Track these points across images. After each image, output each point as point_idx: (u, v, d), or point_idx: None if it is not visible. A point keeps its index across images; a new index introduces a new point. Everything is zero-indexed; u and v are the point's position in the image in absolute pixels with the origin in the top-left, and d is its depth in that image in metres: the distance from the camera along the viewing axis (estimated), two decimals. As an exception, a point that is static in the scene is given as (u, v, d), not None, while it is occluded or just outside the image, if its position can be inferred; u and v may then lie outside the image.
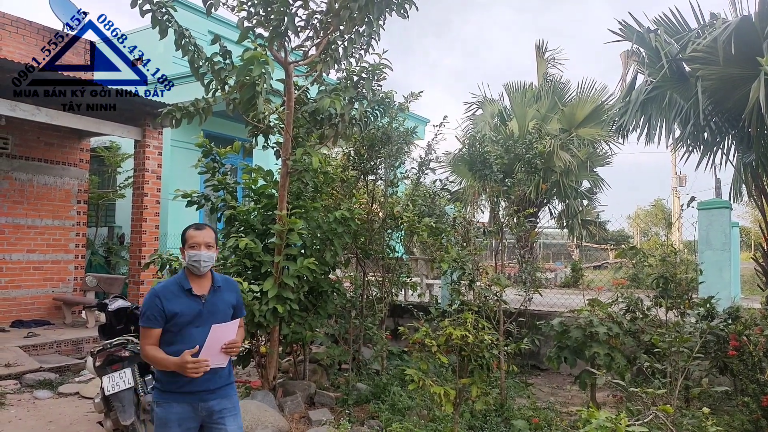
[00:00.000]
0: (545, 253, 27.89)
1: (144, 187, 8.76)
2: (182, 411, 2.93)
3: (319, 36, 4.94)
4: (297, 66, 4.88)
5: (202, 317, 2.96)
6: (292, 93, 4.80)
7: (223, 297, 3.07)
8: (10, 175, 8.80)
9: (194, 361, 2.82)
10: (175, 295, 2.98)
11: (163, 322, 2.93)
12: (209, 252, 3.01)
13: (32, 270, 9.02)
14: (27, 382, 6.56)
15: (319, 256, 5.58)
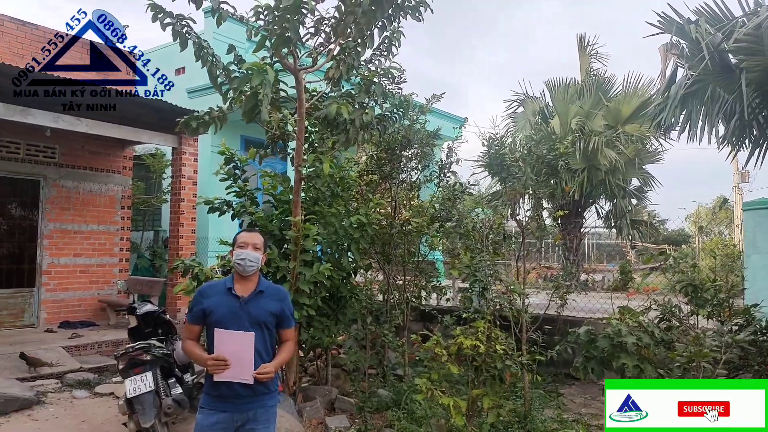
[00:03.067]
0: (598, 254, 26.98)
1: (181, 192, 9.02)
2: (219, 419, 2.97)
3: (330, 42, 4.93)
4: (307, 72, 4.88)
5: (240, 318, 2.99)
6: (302, 100, 4.80)
7: (262, 302, 3.07)
8: (57, 182, 9.26)
9: (214, 359, 2.89)
10: (217, 293, 3.07)
11: (202, 318, 3.04)
12: (256, 253, 3.06)
13: (79, 273, 9.45)
14: (67, 381, 6.86)
15: (337, 261, 5.57)
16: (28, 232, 9.03)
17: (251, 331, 3.00)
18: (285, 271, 5.21)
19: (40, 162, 9.06)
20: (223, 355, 2.89)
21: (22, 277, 8.94)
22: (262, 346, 3.04)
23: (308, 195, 5.70)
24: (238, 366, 2.88)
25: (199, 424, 3.03)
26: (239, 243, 3.11)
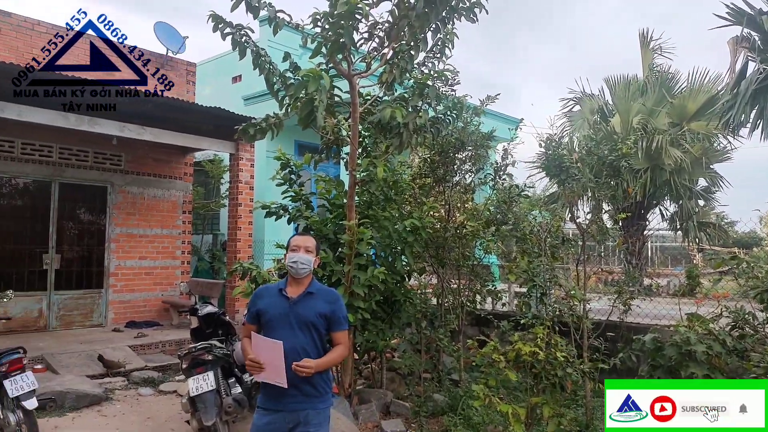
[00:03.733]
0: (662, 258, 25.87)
1: (238, 197, 9.25)
2: (272, 420, 3.02)
3: (384, 46, 4.93)
4: (361, 77, 4.90)
5: (289, 319, 3.04)
6: (356, 105, 4.83)
7: (311, 303, 3.09)
8: (124, 189, 9.68)
9: (250, 360, 2.95)
10: (270, 295, 3.16)
11: (257, 319, 3.12)
12: (308, 256, 3.11)
13: (144, 275, 9.84)
14: (133, 379, 7.14)
15: (390, 265, 5.57)
16: (96, 236, 9.49)
17: (299, 333, 3.03)
18: (339, 274, 5.25)
19: (107, 169, 9.50)
20: (257, 357, 2.93)
21: (92, 278, 9.40)
22: (311, 347, 3.06)
23: (362, 199, 5.73)
24: (272, 370, 2.92)
25: (255, 423, 3.11)
26: (292, 246, 3.16)
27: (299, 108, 4.18)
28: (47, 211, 8.92)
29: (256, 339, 3.00)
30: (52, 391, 5.95)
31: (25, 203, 8.95)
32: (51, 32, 8.94)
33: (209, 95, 12.41)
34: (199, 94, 12.29)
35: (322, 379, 3.14)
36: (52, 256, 8.92)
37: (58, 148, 8.96)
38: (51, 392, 5.92)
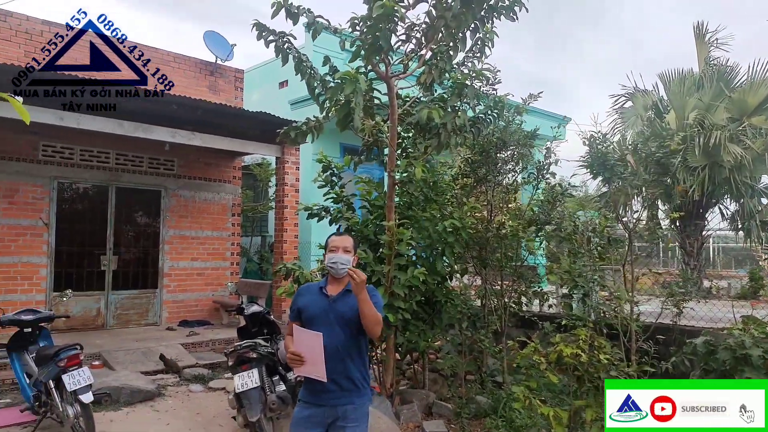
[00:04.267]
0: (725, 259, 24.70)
1: (284, 199, 9.44)
2: (312, 414, 3.10)
3: (422, 47, 4.95)
4: (399, 79, 4.93)
5: (327, 316, 3.11)
6: (395, 106, 4.86)
7: (349, 300, 3.13)
8: (176, 192, 10.05)
9: (291, 353, 3.02)
10: (311, 293, 3.25)
11: (298, 315, 3.20)
12: (346, 256, 3.15)
13: (195, 276, 10.18)
14: (185, 376, 7.40)
15: (431, 266, 5.57)
16: (151, 238, 9.89)
17: (338, 329, 3.08)
18: (380, 274, 5.29)
19: (161, 174, 9.89)
20: (298, 351, 3.00)
21: (147, 279, 9.80)
22: (351, 343, 3.12)
23: (402, 200, 5.75)
24: (311, 363, 2.97)
25: (295, 416, 3.19)
26: (330, 247, 3.22)
27: (336, 110, 4.25)
28: (105, 215, 9.36)
29: (298, 332, 3.07)
30: (108, 386, 6.25)
31: (85, 207, 9.42)
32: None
33: (257, 101, 12.72)
34: (248, 99, 12.62)
35: (360, 374, 3.20)
36: (109, 257, 9.35)
37: (114, 154, 9.39)
38: (107, 387, 6.22)
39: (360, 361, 3.23)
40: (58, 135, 8.59)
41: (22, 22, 8.51)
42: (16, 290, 8.26)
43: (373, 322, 3.05)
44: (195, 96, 9.71)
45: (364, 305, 2.99)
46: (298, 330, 3.07)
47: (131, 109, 8.07)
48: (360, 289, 2.94)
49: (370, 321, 3.03)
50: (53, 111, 7.20)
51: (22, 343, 5.67)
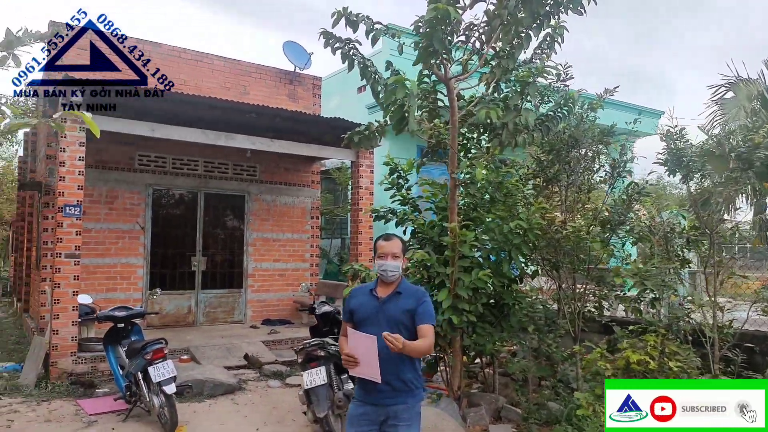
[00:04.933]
0: None
1: (359, 202, 9.63)
2: (365, 411, 3.20)
3: (483, 47, 4.91)
4: (458, 80, 4.92)
5: (378, 318, 3.20)
6: (454, 107, 4.85)
7: (398, 303, 3.22)
8: (259, 197, 10.55)
9: (346, 355, 3.11)
10: (362, 294, 3.34)
11: (350, 317, 3.32)
12: (395, 262, 3.23)
13: (277, 276, 10.63)
14: (264, 372, 7.76)
15: (496, 268, 5.49)
16: (236, 241, 10.44)
17: (387, 330, 3.14)
18: (443, 276, 5.29)
19: (244, 180, 10.43)
20: (352, 353, 3.07)
21: (233, 279, 10.36)
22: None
23: (467, 201, 5.72)
24: (366, 365, 3.03)
25: (350, 413, 3.31)
26: (379, 253, 3.29)
27: (390, 114, 4.32)
28: (194, 219, 10.01)
29: (352, 334, 3.16)
30: (193, 379, 6.68)
31: (177, 212, 10.12)
32: (196, 58, 10.07)
33: (336, 106, 13.06)
34: (327, 105, 13.00)
35: (413, 374, 3.25)
36: (199, 258, 9.99)
37: (203, 162, 10.02)
38: (193, 380, 6.65)
39: (411, 362, 3.27)
40: (152, 145, 9.30)
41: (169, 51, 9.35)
42: (116, 289, 9.02)
43: (425, 353, 3.21)
44: (275, 104, 10.18)
45: (412, 352, 3.06)
46: (352, 332, 3.15)
47: (214, 118, 8.61)
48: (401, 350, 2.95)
49: (422, 354, 3.20)
50: (145, 123, 7.83)
51: (116, 338, 6.21)
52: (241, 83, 10.44)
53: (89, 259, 8.76)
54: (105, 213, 9.06)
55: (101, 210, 9.03)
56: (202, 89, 9.82)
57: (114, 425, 5.63)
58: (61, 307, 7.07)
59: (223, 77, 10.26)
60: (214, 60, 10.25)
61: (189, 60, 9.98)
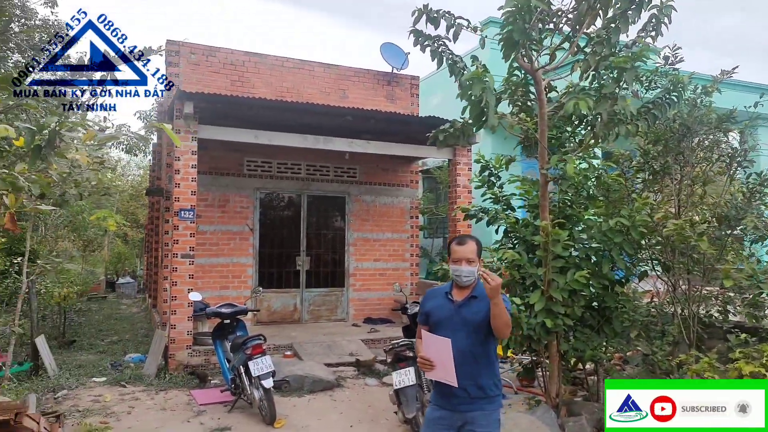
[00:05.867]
0: None
1: (456, 201, 9.49)
2: (442, 416, 3.18)
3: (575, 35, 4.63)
4: (545, 71, 4.67)
5: (454, 321, 3.16)
6: (543, 100, 4.61)
7: (475, 306, 3.16)
8: (359, 198, 10.76)
9: (421, 358, 3.10)
10: (437, 297, 3.32)
11: (425, 319, 3.30)
12: (469, 267, 3.14)
13: (378, 276, 10.77)
14: (363, 370, 7.89)
15: (596, 269, 5.14)
16: (338, 241, 10.73)
17: (462, 335, 3.07)
18: (536, 277, 5.05)
19: (344, 181, 10.69)
20: (428, 356, 3.01)
21: (335, 278, 10.66)
22: (477, 348, 3.11)
23: (562, 197, 5.43)
24: (441, 368, 2.97)
25: (427, 416, 3.29)
26: (453, 257, 3.19)
27: (468, 110, 4.20)
28: (298, 220, 10.43)
29: (426, 337, 3.13)
30: (294, 375, 6.95)
31: (282, 214, 10.60)
32: (297, 66, 10.48)
33: (437, 105, 12.97)
34: (428, 104, 12.96)
35: (491, 381, 3.16)
36: (303, 258, 10.38)
37: (305, 165, 10.41)
38: (293, 376, 6.92)
39: (489, 367, 3.18)
40: (258, 151, 9.82)
41: (227, 56, 9.92)
42: (228, 287, 9.62)
43: (502, 324, 3.02)
44: (373, 106, 10.34)
45: (496, 308, 2.97)
46: (427, 335, 3.11)
47: (315, 123, 8.91)
48: (494, 293, 2.90)
49: (500, 322, 3.01)
50: (249, 130, 8.29)
51: (223, 333, 6.62)
52: (340, 87, 10.71)
53: (205, 259, 9.43)
54: (218, 216, 9.70)
55: (215, 213, 9.68)
56: (303, 95, 10.21)
57: (220, 415, 6.00)
58: (178, 304, 7.68)
59: (323, 82, 10.59)
60: (315, 66, 10.60)
61: (291, 68, 10.41)
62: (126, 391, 6.76)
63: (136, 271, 20.97)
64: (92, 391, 6.75)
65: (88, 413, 5.89)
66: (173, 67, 9.56)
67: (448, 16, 4.62)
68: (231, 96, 8.50)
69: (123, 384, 7.01)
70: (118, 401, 6.38)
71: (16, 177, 2.50)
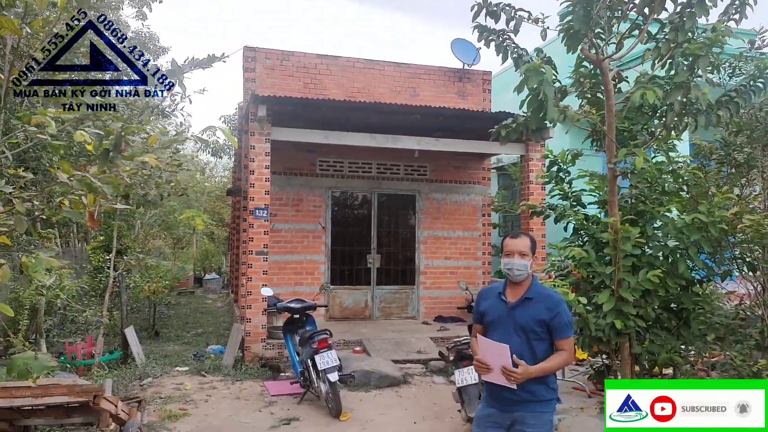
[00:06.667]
0: None
1: (529, 198, 9.26)
2: (491, 413, 3.17)
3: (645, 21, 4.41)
4: (612, 60, 4.47)
5: (506, 324, 3.12)
6: (610, 91, 4.41)
7: (530, 310, 3.10)
8: (429, 196, 10.76)
9: (477, 360, 3.08)
10: (491, 296, 3.28)
11: (480, 318, 3.29)
12: (522, 261, 3.10)
13: (449, 274, 10.71)
14: (430, 368, 7.89)
15: (671, 268, 4.86)
16: (408, 239, 10.78)
17: (515, 337, 3.02)
18: (604, 276, 4.85)
19: (415, 179, 10.72)
20: (485, 359, 2.98)
21: (405, 276, 10.71)
22: (526, 352, 3.03)
23: (635, 193, 5.18)
24: (498, 372, 2.94)
25: (477, 414, 3.29)
26: (506, 251, 3.16)
27: (527, 104, 4.09)
28: (369, 218, 10.57)
29: (482, 341, 3.09)
30: (362, 370, 7.07)
31: (353, 212, 10.80)
32: (368, 66, 10.62)
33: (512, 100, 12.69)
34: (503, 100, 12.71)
35: (543, 384, 3.08)
36: (374, 256, 10.52)
37: (375, 164, 10.54)
38: (361, 371, 7.04)
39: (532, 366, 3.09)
40: (330, 151, 10.06)
41: (300, 59, 10.22)
42: (302, 283, 9.91)
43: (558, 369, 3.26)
44: (443, 103, 10.29)
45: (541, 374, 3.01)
46: (485, 341, 3.07)
47: (384, 122, 9.01)
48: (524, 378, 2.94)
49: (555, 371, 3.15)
50: (320, 131, 8.52)
51: (293, 327, 6.85)
52: (410, 86, 10.74)
53: (280, 256, 9.78)
54: (292, 215, 10.02)
55: (289, 212, 10.01)
56: (374, 95, 10.33)
57: (290, 407, 6.22)
58: (253, 298, 8.02)
59: (393, 81, 10.66)
60: (385, 66, 10.70)
61: (362, 68, 10.57)
62: (205, 381, 7.15)
63: (221, 268, 22.05)
64: (175, 379, 7.20)
65: (169, 400, 6.29)
66: (250, 72, 9.98)
67: (508, 9, 4.53)
68: (300, 98, 8.77)
69: (203, 373, 7.42)
70: (198, 389, 6.76)
71: (91, 179, 2.73)
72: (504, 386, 2.98)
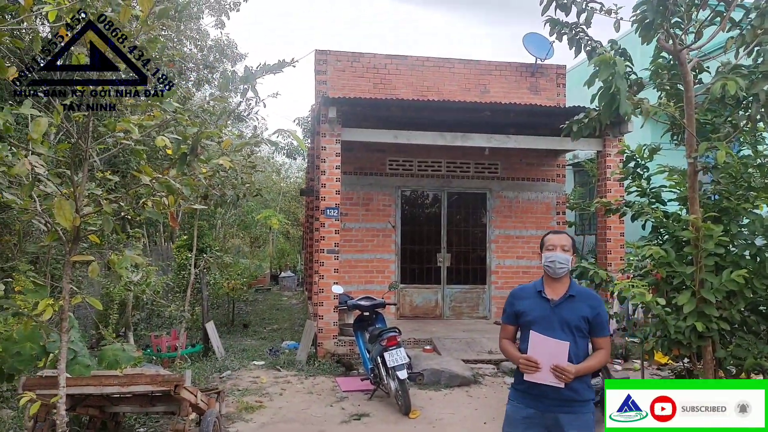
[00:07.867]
0: None
1: (606, 195, 8.92)
2: (529, 415, 3.08)
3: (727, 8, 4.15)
4: (690, 50, 4.23)
5: (550, 320, 3.06)
6: (689, 82, 4.18)
7: (575, 307, 3.06)
8: (500, 194, 10.60)
9: (526, 359, 3.00)
10: (528, 296, 3.22)
11: (514, 319, 3.22)
12: (565, 255, 3.09)
13: (521, 274, 10.51)
14: (502, 368, 7.79)
15: (758, 267, 4.56)
16: (479, 238, 10.67)
17: (561, 335, 2.96)
18: (684, 276, 4.61)
19: (485, 177, 10.59)
20: (534, 357, 2.92)
21: (476, 275, 10.61)
22: (572, 350, 2.97)
23: (718, 189, 4.89)
24: (548, 371, 2.87)
25: (510, 416, 3.15)
26: (547, 245, 3.13)
27: (598, 97, 3.95)
28: (439, 217, 10.56)
29: (536, 338, 3.03)
30: (431, 369, 7.09)
31: (423, 211, 10.82)
32: (437, 64, 10.61)
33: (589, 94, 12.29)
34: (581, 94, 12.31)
35: (584, 383, 3.05)
36: (444, 255, 10.50)
37: (445, 163, 10.51)
38: (431, 370, 7.06)
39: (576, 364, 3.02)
40: (399, 151, 10.14)
41: (370, 60, 10.36)
42: (373, 281, 10.05)
43: (597, 368, 3.13)
44: (515, 99, 10.11)
45: (585, 373, 3.00)
46: (539, 337, 3.01)
47: (454, 120, 8.97)
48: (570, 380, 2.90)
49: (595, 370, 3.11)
50: (389, 131, 8.61)
51: (363, 324, 6.97)
52: (480, 83, 10.63)
53: (351, 255, 9.96)
54: (362, 214, 10.18)
55: (359, 211, 10.18)
56: (443, 93, 10.32)
57: (360, 402, 6.34)
58: (325, 296, 8.22)
59: (463, 79, 10.59)
60: (455, 64, 10.64)
61: (431, 67, 10.57)
62: (280, 375, 7.42)
63: (296, 266, 22.70)
64: (252, 372, 7.51)
65: (246, 392, 6.57)
66: (321, 74, 10.23)
67: (579, 1, 4.39)
68: (369, 98, 8.89)
69: (278, 368, 7.70)
70: (273, 383, 7.03)
71: (170, 181, 2.92)
72: (548, 386, 2.90)
